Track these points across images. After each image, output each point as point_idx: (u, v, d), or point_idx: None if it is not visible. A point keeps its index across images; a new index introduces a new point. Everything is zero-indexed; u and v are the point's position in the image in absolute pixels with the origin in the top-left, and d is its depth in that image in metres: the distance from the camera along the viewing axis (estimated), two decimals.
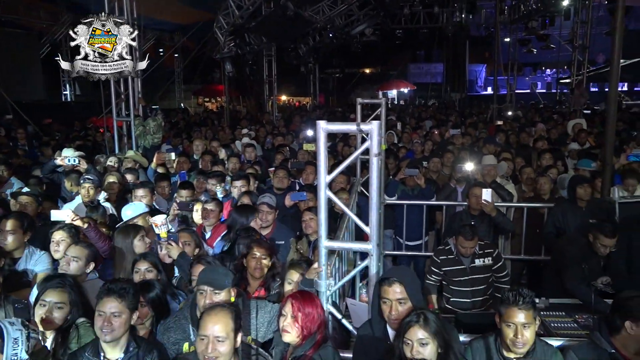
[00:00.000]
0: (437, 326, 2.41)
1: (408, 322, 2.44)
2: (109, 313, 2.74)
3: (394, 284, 2.72)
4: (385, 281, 2.76)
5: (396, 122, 12.98)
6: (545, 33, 17.62)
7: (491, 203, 5.16)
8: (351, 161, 2.95)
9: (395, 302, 2.71)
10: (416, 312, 2.48)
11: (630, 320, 2.77)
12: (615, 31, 5.49)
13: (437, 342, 2.38)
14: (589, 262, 4.32)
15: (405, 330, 2.43)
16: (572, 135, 9.35)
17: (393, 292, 2.72)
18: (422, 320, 2.41)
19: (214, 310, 2.59)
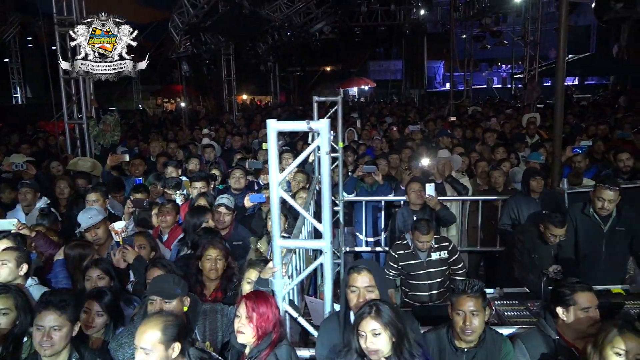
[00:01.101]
0: (389, 316, 2.43)
1: (361, 314, 2.47)
2: (48, 327, 2.65)
3: (363, 271, 2.76)
4: (354, 269, 2.79)
5: (356, 119, 13.09)
6: (498, 30, 18.09)
7: (435, 197, 5.26)
8: (302, 159, 2.94)
9: (364, 290, 2.74)
10: (369, 303, 2.50)
11: (560, 306, 2.90)
12: (560, 27, 5.66)
13: (389, 331, 2.41)
14: (540, 252, 4.46)
15: (359, 322, 2.45)
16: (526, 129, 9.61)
17: (362, 280, 2.75)
18: (375, 311, 2.44)
19: (145, 321, 2.54)
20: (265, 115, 16.24)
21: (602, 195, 4.36)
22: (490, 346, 2.87)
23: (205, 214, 4.42)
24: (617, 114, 12.28)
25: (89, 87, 8.86)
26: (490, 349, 2.86)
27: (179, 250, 4.31)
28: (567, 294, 2.87)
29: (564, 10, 5.57)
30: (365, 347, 2.40)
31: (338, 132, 6.20)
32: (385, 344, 2.40)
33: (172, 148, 8.41)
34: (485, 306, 2.87)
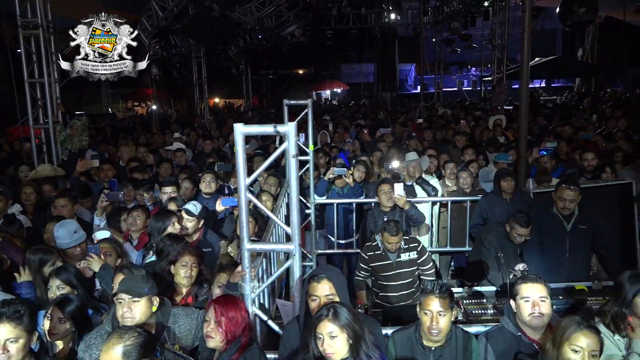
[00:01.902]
0: (347, 319, 2.44)
1: (318, 317, 2.47)
2: (4, 340, 2.56)
3: (323, 280, 2.76)
4: (314, 278, 2.79)
5: (329, 122, 13.15)
6: (467, 33, 18.41)
7: (404, 196, 5.33)
8: (269, 162, 2.96)
9: (324, 299, 2.74)
10: (326, 306, 2.51)
11: (512, 300, 2.99)
12: (524, 31, 5.81)
13: (346, 334, 2.42)
14: (506, 251, 4.56)
15: (317, 324, 2.46)
16: (493, 130, 9.81)
17: (322, 289, 2.76)
18: (332, 314, 2.44)
19: (106, 343, 2.35)
20: (237, 119, 16.19)
21: (563, 195, 4.49)
22: (457, 345, 2.92)
23: (169, 218, 4.36)
24: (583, 115, 12.63)
25: (55, 91, 8.69)
26: (457, 347, 2.92)
27: (144, 255, 4.26)
28: (516, 287, 2.97)
29: (527, 15, 5.72)
30: (322, 350, 2.41)
31: (309, 135, 6.24)
32: (342, 347, 2.41)
33: (142, 152, 8.31)
34: (453, 306, 2.93)
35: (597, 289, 4.46)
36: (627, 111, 12.31)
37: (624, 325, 2.80)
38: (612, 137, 8.48)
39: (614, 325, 2.84)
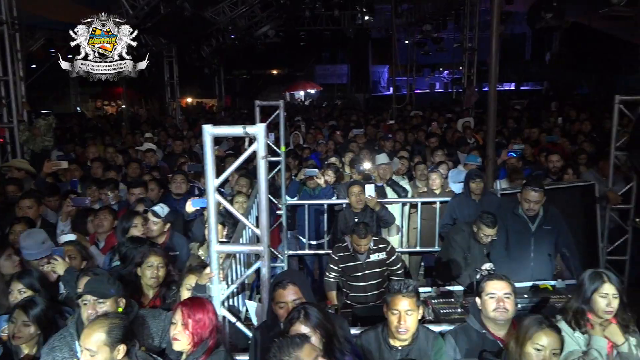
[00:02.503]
0: (318, 318, 2.46)
1: (290, 319, 2.49)
2: None
3: (288, 286, 2.76)
4: (279, 285, 2.79)
5: (301, 123, 13.16)
6: (439, 36, 18.66)
7: (374, 197, 5.38)
8: (239, 164, 2.95)
9: (292, 304, 2.74)
10: (297, 308, 2.53)
11: (478, 297, 3.06)
12: (492, 35, 5.92)
13: (319, 333, 2.43)
14: (473, 251, 4.66)
15: (288, 327, 2.47)
16: (462, 132, 9.96)
17: (288, 294, 2.76)
18: (303, 315, 2.46)
19: (90, 322, 2.55)
20: (209, 119, 16.06)
21: (528, 196, 4.60)
22: (423, 344, 2.97)
23: (133, 218, 4.29)
24: (550, 117, 12.92)
25: (20, 89, 8.48)
26: (423, 346, 2.97)
27: (110, 259, 4.19)
28: (481, 284, 3.04)
29: (495, 20, 5.83)
30: None
31: (280, 136, 6.23)
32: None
33: (110, 153, 8.17)
34: (419, 305, 2.98)
35: (561, 288, 4.58)
36: (592, 114, 12.66)
37: (583, 322, 2.89)
38: (577, 139, 8.71)
39: (574, 322, 2.93)
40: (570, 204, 5.88)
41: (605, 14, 8.67)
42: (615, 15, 8.51)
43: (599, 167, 6.58)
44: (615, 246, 6.47)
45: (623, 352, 2.80)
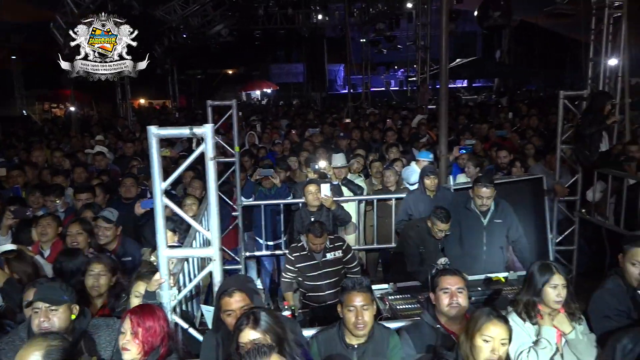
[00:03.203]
0: (267, 323, 2.42)
1: (239, 326, 2.44)
2: None
3: (235, 293, 2.70)
4: (225, 293, 2.72)
5: (257, 122, 13.06)
6: (392, 34, 18.88)
7: (330, 197, 5.38)
8: (186, 166, 2.87)
9: (239, 311, 2.68)
10: (246, 313, 2.48)
11: (432, 292, 3.11)
12: (442, 33, 6.01)
13: (269, 338, 2.39)
14: (428, 246, 4.71)
15: (238, 334, 2.42)
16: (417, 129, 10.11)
17: (235, 302, 2.70)
18: (252, 321, 2.42)
19: (27, 343, 2.37)
20: (163, 120, 15.71)
21: (480, 193, 4.71)
22: (378, 341, 2.97)
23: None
24: (500, 114, 13.28)
25: None
26: (378, 343, 2.97)
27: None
28: (436, 279, 3.08)
29: (444, 18, 5.92)
30: None
31: (234, 136, 6.16)
32: None
33: (57, 157, 7.86)
34: (373, 300, 2.98)
35: (513, 279, 4.69)
36: (540, 110, 13.08)
37: (534, 313, 2.95)
38: (526, 134, 8.98)
39: (525, 313, 2.99)
40: (520, 197, 6.03)
41: (549, 11, 8.98)
42: (558, 13, 8.81)
43: (546, 161, 6.79)
44: (564, 236, 6.70)
45: (571, 339, 2.89)
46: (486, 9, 11.62)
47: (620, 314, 2.95)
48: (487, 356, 2.45)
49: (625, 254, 3.14)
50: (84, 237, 4.17)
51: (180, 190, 6.47)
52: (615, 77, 8.08)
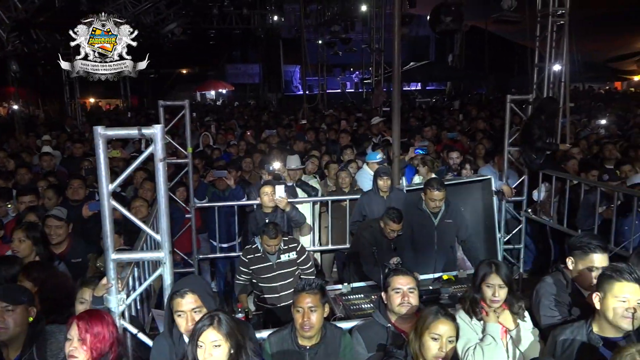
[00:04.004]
0: (230, 327, 2.41)
1: (201, 327, 2.42)
2: None
3: (187, 294, 2.65)
4: (177, 294, 2.66)
5: (212, 123, 12.91)
6: (347, 37, 19.04)
7: (285, 198, 5.39)
8: (135, 167, 2.81)
9: (191, 313, 2.65)
10: (209, 314, 2.46)
11: (384, 292, 3.16)
12: (394, 37, 6.11)
13: (229, 343, 2.39)
14: (380, 246, 4.78)
15: (199, 333, 2.39)
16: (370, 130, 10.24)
17: (187, 303, 2.64)
18: (216, 322, 2.40)
19: None
20: (114, 120, 15.28)
21: (432, 196, 4.83)
22: (331, 341, 2.99)
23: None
24: (452, 116, 13.63)
25: None
26: (331, 344, 2.99)
27: None
28: (388, 279, 3.13)
29: (396, 22, 6.02)
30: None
31: (187, 136, 6.07)
32: (224, 356, 2.36)
33: (0, 157, 7.52)
34: (325, 303, 3.00)
35: (462, 278, 4.83)
36: (490, 113, 13.50)
37: (479, 310, 3.05)
38: (476, 136, 9.24)
39: (471, 311, 3.08)
40: (470, 197, 6.22)
41: (496, 18, 9.28)
42: (506, 20, 9.12)
43: (495, 162, 7.02)
44: (512, 236, 6.94)
45: (515, 335, 2.99)
46: (438, 14, 11.87)
47: (561, 305, 3.07)
48: (435, 353, 2.51)
49: (576, 258, 3.07)
50: (27, 244, 3.93)
51: (130, 191, 6.32)
52: (559, 82, 8.43)
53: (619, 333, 2.53)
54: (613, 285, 2.51)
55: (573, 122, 10.45)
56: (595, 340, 2.56)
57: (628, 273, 2.51)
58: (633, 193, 5.15)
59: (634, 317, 2.45)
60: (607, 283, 2.53)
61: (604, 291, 2.54)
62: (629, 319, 2.46)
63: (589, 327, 2.62)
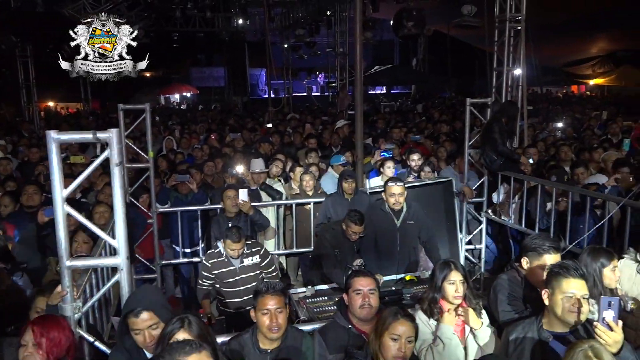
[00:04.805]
0: (200, 328, 2.42)
1: (172, 329, 2.41)
2: None
3: (141, 314, 2.60)
4: (131, 314, 2.60)
5: (175, 127, 12.75)
6: (312, 40, 19.12)
7: (248, 202, 5.37)
8: (90, 172, 2.76)
9: (147, 331, 2.61)
10: (179, 317, 2.45)
11: (345, 293, 3.19)
12: (356, 41, 6.17)
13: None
14: (343, 248, 4.81)
15: (170, 336, 2.38)
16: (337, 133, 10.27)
17: (142, 321, 2.60)
18: (187, 324, 2.40)
19: None
20: (74, 124, 14.89)
21: (392, 191, 4.90)
22: (292, 344, 3.00)
23: None
24: (415, 120, 13.82)
25: None
26: (292, 347, 2.99)
27: None
28: (349, 281, 3.16)
29: (358, 26, 6.08)
30: None
31: (148, 140, 5.98)
32: None
33: None
34: (287, 304, 3.01)
35: (425, 278, 4.88)
36: (453, 116, 13.75)
37: (436, 310, 3.10)
38: (439, 138, 9.40)
39: (429, 311, 3.13)
40: (432, 199, 6.32)
41: (457, 23, 9.49)
42: (466, 25, 9.33)
43: (456, 164, 7.15)
44: (473, 236, 7.08)
45: (479, 334, 3.04)
46: (400, 19, 12.08)
47: (517, 300, 3.16)
48: (394, 354, 2.54)
49: (530, 259, 3.14)
50: None
51: (92, 197, 6.19)
52: (517, 85, 8.67)
53: (567, 328, 2.63)
54: (560, 281, 2.60)
55: (532, 125, 10.76)
56: (545, 335, 2.65)
57: (574, 269, 2.61)
58: (586, 193, 5.34)
59: (580, 311, 2.54)
60: (554, 280, 2.62)
61: (552, 287, 2.63)
62: (575, 313, 2.55)
63: (539, 323, 2.71)
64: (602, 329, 2.40)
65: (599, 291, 3.09)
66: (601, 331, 2.40)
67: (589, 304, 2.60)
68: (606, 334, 2.39)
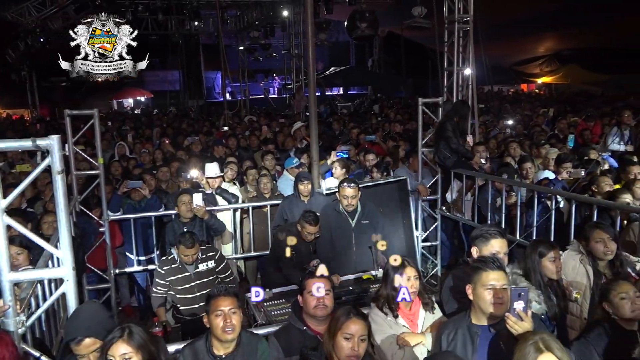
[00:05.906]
0: (141, 338, 2.36)
1: (111, 339, 2.35)
2: None
3: (83, 341, 2.54)
4: (72, 342, 2.55)
5: (128, 132, 12.47)
6: (267, 42, 19.06)
7: (202, 207, 5.31)
8: (30, 181, 2.66)
9: (93, 354, 2.56)
10: (120, 326, 2.39)
11: (300, 295, 3.20)
12: (308, 43, 6.19)
13: (141, 355, 2.32)
14: (299, 249, 4.81)
15: (108, 347, 2.33)
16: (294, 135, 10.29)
17: (85, 347, 2.55)
18: (127, 334, 2.34)
19: None
20: (19, 131, 14.34)
21: (345, 193, 4.94)
22: (247, 349, 2.96)
23: None
24: (372, 120, 13.96)
25: None
26: (247, 351, 2.96)
27: None
28: (304, 282, 3.18)
29: (310, 28, 6.10)
30: None
31: (97, 147, 5.83)
32: None
33: None
34: (240, 307, 2.98)
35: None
36: (409, 116, 13.95)
37: (394, 306, 3.14)
38: (394, 138, 9.52)
39: (387, 308, 3.17)
40: (388, 198, 6.40)
41: (408, 25, 9.65)
42: (417, 26, 9.51)
43: (410, 163, 7.27)
44: (429, 233, 7.21)
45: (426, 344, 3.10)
46: (354, 20, 12.21)
47: (464, 295, 3.24)
48: (348, 353, 2.56)
49: (479, 246, 3.25)
50: None
51: (39, 207, 5.98)
52: (467, 85, 8.89)
53: (493, 319, 2.69)
54: (480, 275, 2.68)
55: (483, 123, 11.05)
56: (474, 330, 2.71)
57: (492, 262, 2.71)
58: (535, 188, 5.53)
59: (502, 301, 2.61)
60: (475, 274, 2.71)
61: (474, 282, 2.71)
62: (497, 304, 2.62)
63: (468, 318, 2.77)
64: (513, 320, 2.50)
65: (537, 281, 3.22)
66: (512, 321, 2.49)
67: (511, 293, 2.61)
68: (517, 324, 2.49)
